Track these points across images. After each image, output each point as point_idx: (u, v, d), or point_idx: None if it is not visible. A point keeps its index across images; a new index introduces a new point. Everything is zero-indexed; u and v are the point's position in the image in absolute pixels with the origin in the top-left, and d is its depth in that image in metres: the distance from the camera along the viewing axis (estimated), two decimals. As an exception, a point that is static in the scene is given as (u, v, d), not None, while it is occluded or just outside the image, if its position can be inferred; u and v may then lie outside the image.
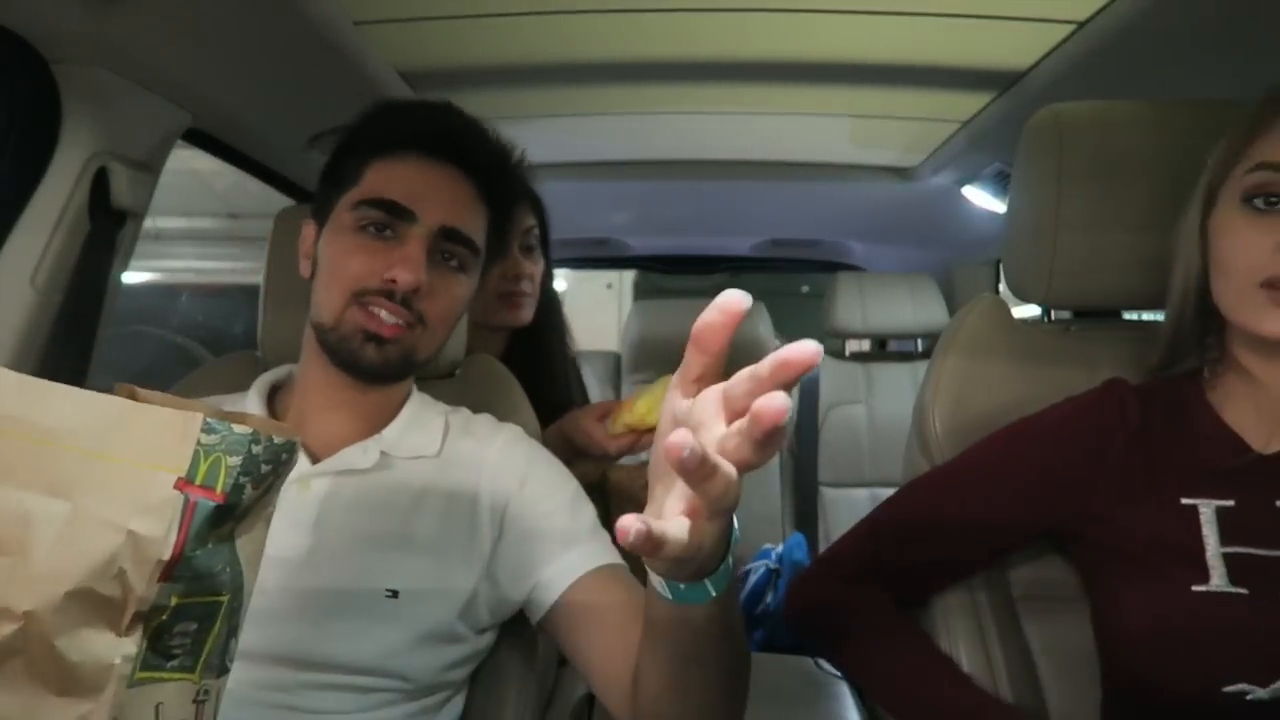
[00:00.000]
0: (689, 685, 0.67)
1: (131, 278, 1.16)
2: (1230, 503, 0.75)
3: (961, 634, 0.88)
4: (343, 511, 0.85)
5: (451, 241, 0.87)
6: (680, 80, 1.52)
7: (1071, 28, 1.18)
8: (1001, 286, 2.50)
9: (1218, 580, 0.74)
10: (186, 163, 1.37)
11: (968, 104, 1.56)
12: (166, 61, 1.06)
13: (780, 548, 2.26)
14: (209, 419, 0.49)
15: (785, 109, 1.68)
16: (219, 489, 0.49)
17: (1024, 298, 0.98)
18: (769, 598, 2.19)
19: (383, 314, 0.83)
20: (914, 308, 2.55)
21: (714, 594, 0.55)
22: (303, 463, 0.86)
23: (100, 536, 0.47)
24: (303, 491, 0.85)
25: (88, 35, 0.96)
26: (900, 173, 2.03)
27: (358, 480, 0.87)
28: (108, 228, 1.06)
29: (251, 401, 0.90)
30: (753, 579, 2.21)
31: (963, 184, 1.92)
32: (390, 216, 0.85)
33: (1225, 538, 0.75)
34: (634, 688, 0.73)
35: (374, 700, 0.81)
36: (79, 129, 1.01)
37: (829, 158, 1.99)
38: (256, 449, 0.50)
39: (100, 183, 1.04)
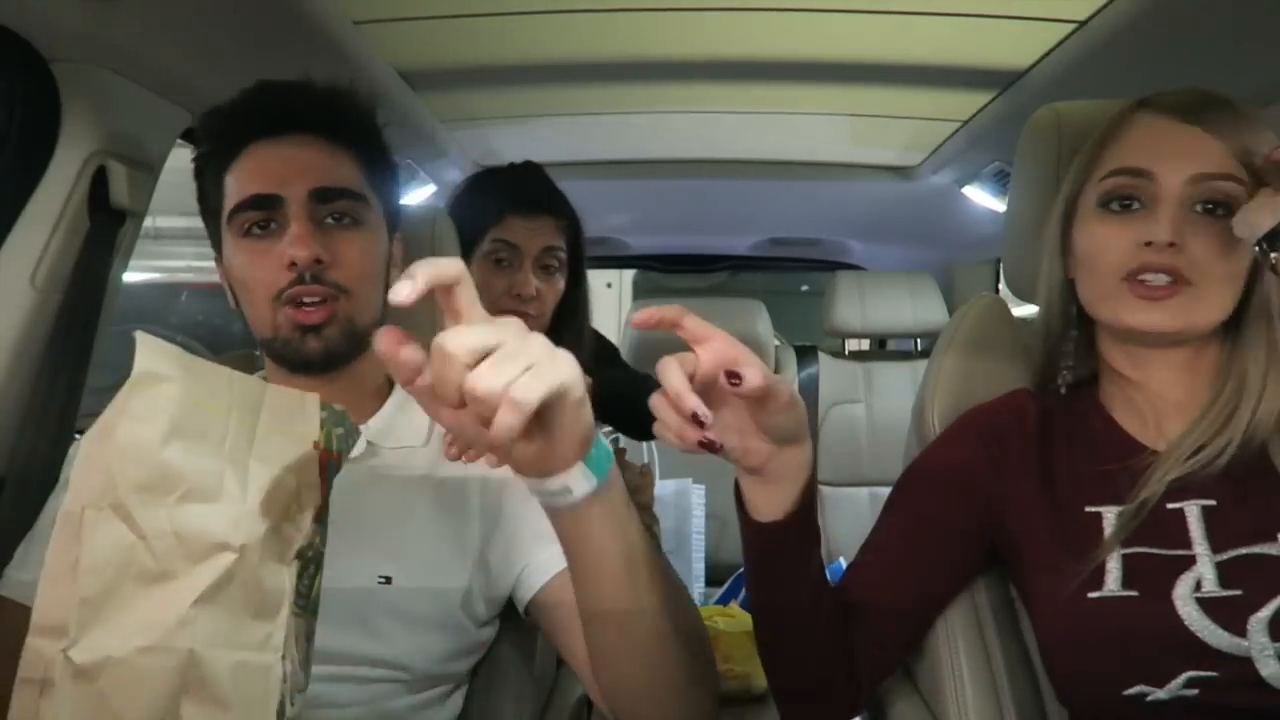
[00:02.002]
0: (616, 624, 0.68)
1: (131, 277, 1.16)
2: (1130, 505, 0.77)
3: (961, 634, 0.88)
4: (336, 500, 0.85)
5: (331, 200, 0.85)
6: (680, 79, 1.53)
7: (1071, 27, 1.18)
8: (1001, 285, 2.50)
9: (1111, 585, 0.75)
10: (186, 162, 1.37)
11: (967, 103, 1.56)
12: (166, 61, 1.06)
13: (780, 547, 2.26)
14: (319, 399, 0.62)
15: (785, 108, 1.68)
16: (335, 450, 0.62)
17: (1023, 297, 0.98)
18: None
19: (305, 299, 0.83)
20: (913, 307, 2.55)
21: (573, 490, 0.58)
22: None
23: (280, 486, 0.59)
24: None
25: (88, 35, 0.96)
26: (900, 172, 2.03)
27: (346, 470, 0.87)
28: (107, 227, 1.06)
29: None
30: (752, 578, 2.21)
31: (962, 183, 1.92)
32: (263, 210, 0.84)
33: (1125, 541, 0.76)
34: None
35: (373, 692, 0.81)
36: (78, 128, 1.01)
37: (829, 157, 1.99)
38: (347, 424, 0.64)
39: (100, 182, 1.04)
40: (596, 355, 1.51)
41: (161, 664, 0.53)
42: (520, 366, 0.49)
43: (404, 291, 0.48)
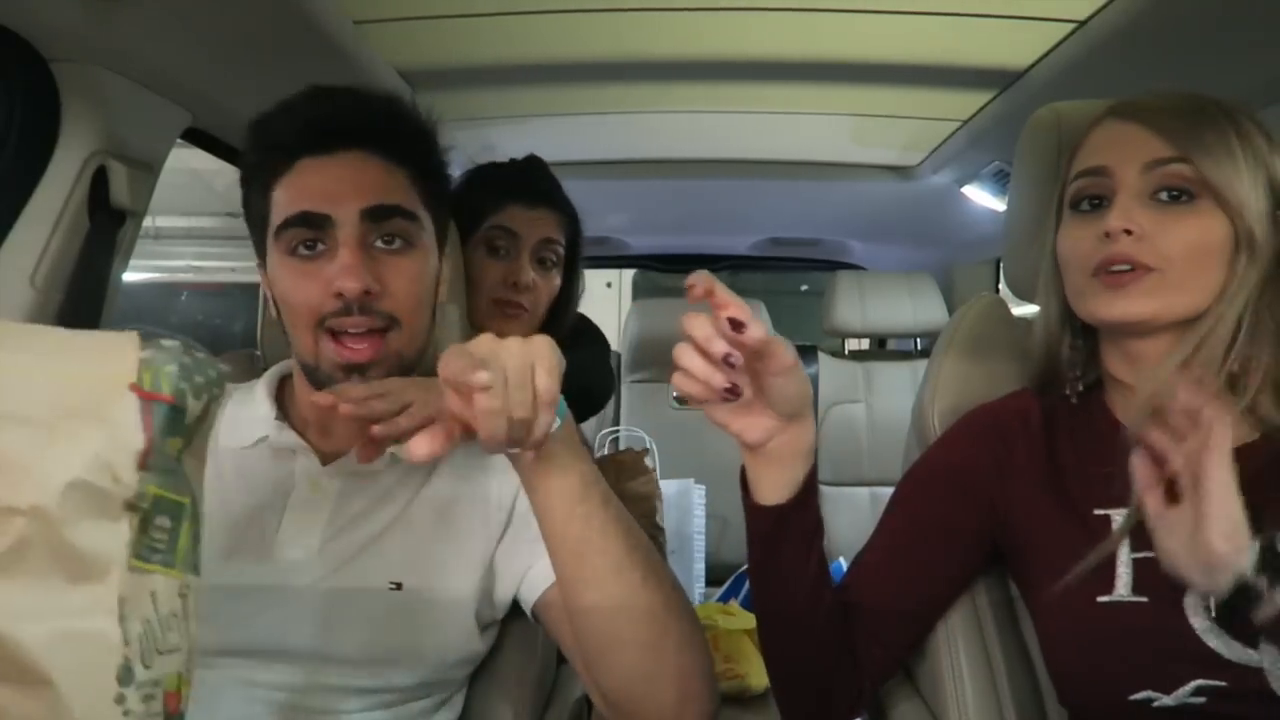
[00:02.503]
0: (592, 573, 0.71)
1: (131, 277, 1.16)
2: (1139, 508, 0.76)
3: (961, 634, 0.88)
4: (353, 511, 0.85)
5: (383, 220, 0.82)
6: (680, 79, 1.52)
7: (1071, 27, 1.18)
8: (1001, 285, 2.50)
9: (1121, 590, 0.75)
10: (186, 162, 1.37)
11: (968, 103, 1.56)
12: (166, 61, 1.06)
13: (780, 547, 2.26)
14: (141, 336, 0.55)
15: (785, 108, 1.68)
16: (167, 392, 0.55)
17: (1023, 296, 0.98)
18: (769, 596, 2.19)
19: (351, 331, 0.80)
20: (913, 307, 2.55)
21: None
22: (314, 463, 0.87)
23: (82, 435, 0.52)
24: (313, 492, 0.85)
25: (88, 35, 0.96)
26: (900, 171, 2.03)
27: (368, 480, 0.87)
28: (107, 226, 1.06)
29: (260, 394, 0.91)
30: (753, 578, 2.21)
31: (962, 183, 1.92)
32: (312, 230, 0.81)
33: (1134, 544, 0.76)
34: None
35: (375, 700, 0.82)
36: (78, 128, 1.01)
37: (829, 157, 1.99)
38: (187, 360, 0.56)
39: (100, 181, 1.04)
40: (572, 338, 1.47)
41: None
42: (529, 378, 0.61)
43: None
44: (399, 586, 0.82)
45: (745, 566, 2.31)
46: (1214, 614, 0.71)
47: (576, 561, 0.72)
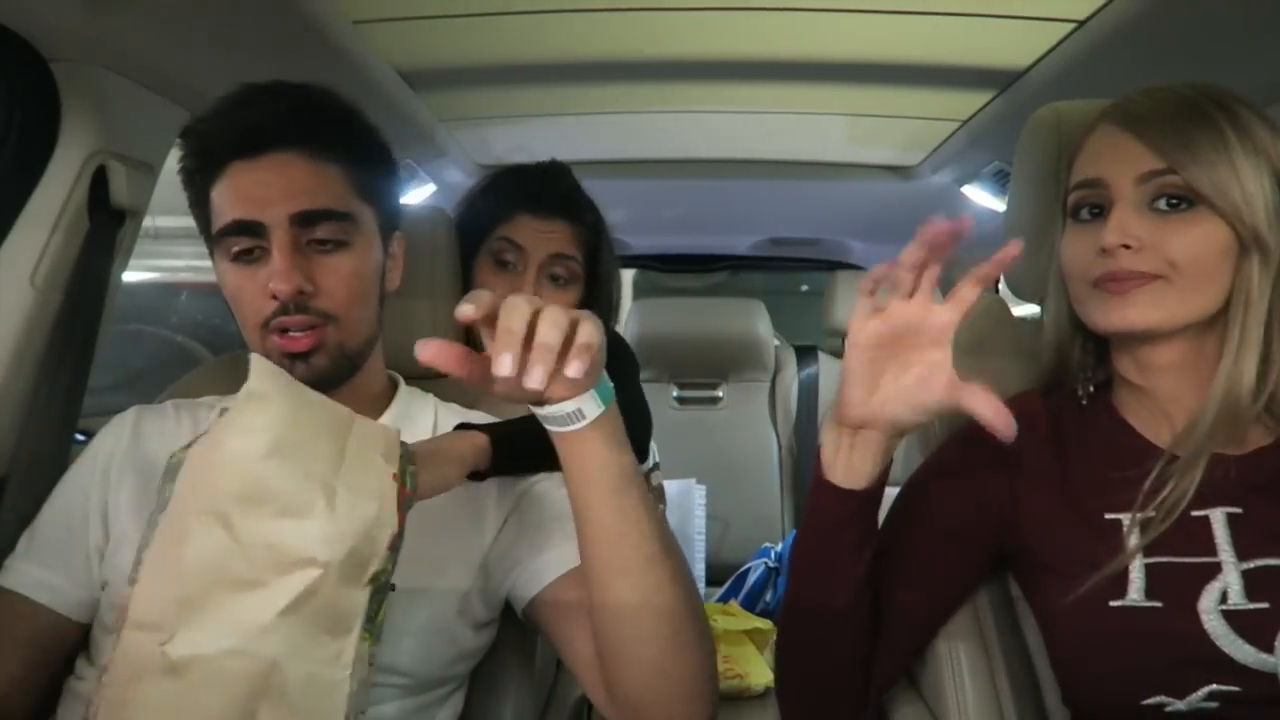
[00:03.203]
0: (617, 583, 0.71)
1: (131, 277, 1.16)
2: (1151, 514, 0.76)
3: (961, 634, 0.88)
4: None
5: (312, 224, 0.82)
6: (680, 79, 1.53)
7: (1071, 26, 1.18)
8: (1001, 285, 2.50)
9: (1134, 594, 0.74)
10: (186, 162, 1.36)
11: (967, 103, 1.56)
12: (166, 61, 1.06)
13: (780, 546, 2.27)
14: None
15: (785, 108, 1.68)
16: (409, 487, 0.65)
17: (1023, 296, 0.98)
18: (768, 596, 2.19)
19: (291, 329, 0.82)
20: (914, 307, 2.54)
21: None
22: None
23: (365, 507, 0.61)
24: None
25: (88, 35, 0.96)
26: (900, 171, 2.03)
27: None
28: (107, 227, 1.06)
29: None
30: (752, 578, 2.21)
31: (962, 183, 1.92)
32: (248, 236, 0.82)
33: (1147, 549, 0.75)
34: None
35: (374, 696, 0.81)
36: (78, 128, 1.01)
37: (828, 157, 1.99)
38: (414, 462, 0.66)
39: (99, 182, 1.04)
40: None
41: (245, 668, 0.57)
42: (564, 321, 0.60)
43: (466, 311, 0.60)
44: (391, 588, 0.82)
45: (746, 566, 2.32)
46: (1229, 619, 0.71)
47: (609, 552, 0.72)
